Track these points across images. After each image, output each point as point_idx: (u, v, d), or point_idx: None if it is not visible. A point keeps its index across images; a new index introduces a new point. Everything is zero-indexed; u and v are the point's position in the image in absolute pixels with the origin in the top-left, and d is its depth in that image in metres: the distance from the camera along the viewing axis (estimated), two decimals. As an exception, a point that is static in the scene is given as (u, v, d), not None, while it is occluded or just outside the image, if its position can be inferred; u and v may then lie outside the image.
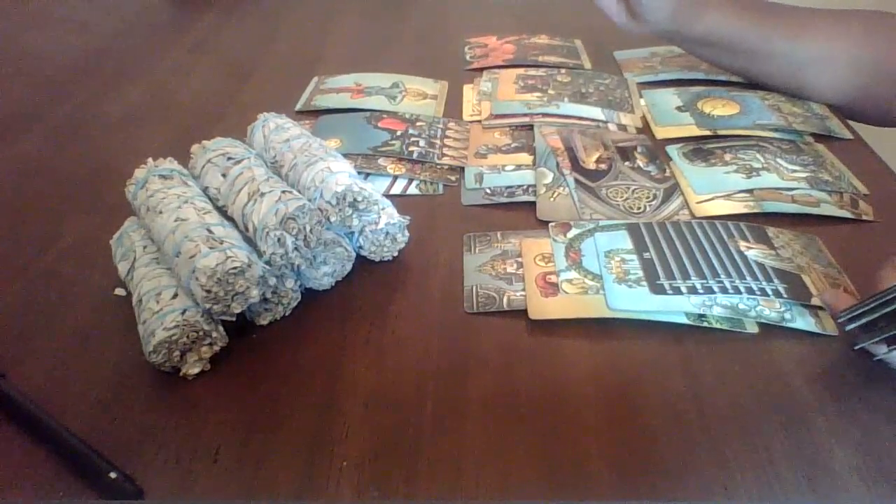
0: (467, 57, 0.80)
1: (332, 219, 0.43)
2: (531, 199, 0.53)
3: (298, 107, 0.69)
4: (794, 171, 0.55)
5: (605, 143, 0.60)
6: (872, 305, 0.36)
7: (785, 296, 0.42)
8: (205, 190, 0.46)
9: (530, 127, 0.63)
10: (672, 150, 0.59)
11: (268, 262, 0.40)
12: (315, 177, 0.44)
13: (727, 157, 0.57)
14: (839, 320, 0.38)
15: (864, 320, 0.37)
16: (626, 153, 0.59)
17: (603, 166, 0.57)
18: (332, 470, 0.34)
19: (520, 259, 0.47)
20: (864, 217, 0.51)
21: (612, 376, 0.39)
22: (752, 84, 0.69)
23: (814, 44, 0.63)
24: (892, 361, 0.38)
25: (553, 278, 0.44)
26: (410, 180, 0.57)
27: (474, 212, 0.53)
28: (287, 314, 0.43)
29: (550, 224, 0.50)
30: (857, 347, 0.38)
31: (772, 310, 0.42)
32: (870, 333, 0.37)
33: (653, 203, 0.52)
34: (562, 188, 0.54)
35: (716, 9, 0.64)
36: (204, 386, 0.39)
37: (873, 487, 0.32)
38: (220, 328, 0.40)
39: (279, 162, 0.48)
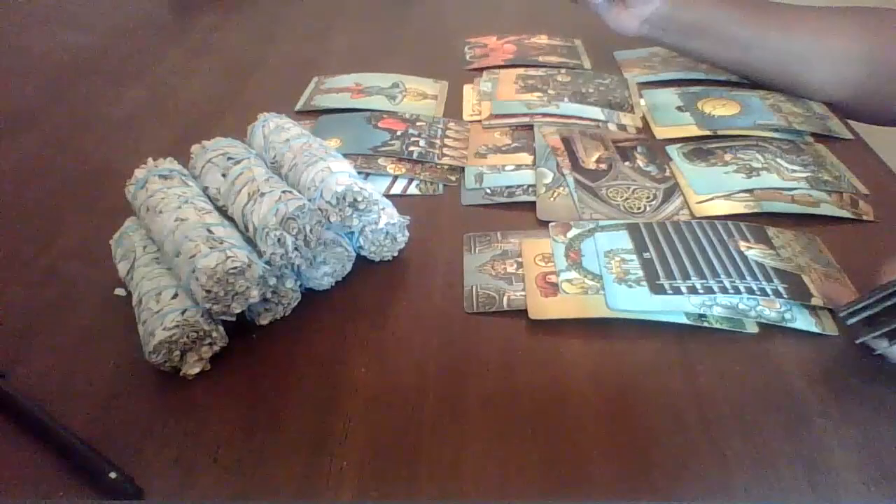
0: (467, 57, 0.80)
1: (332, 219, 0.43)
2: (531, 199, 0.53)
3: (298, 107, 0.69)
4: (794, 171, 0.55)
5: (605, 143, 0.60)
6: (874, 300, 0.36)
7: (785, 296, 0.42)
8: (205, 190, 0.46)
9: (530, 127, 0.63)
10: (672, 150, 0.59)
11: (268, 262, 0.40)
12: (315, 177, 0.44)
13: (727, 157, 0.57)
14: (840, 314, 0.38)
15: (865, 314, 0.37)
16: (626, 153, 0.59)
17: (603, 166, 0.57)
18: (332, 470, 0.34)
19: (520, 259, 0.47)
20: (864, 217, 0.51)
21: (612, 376, 0.39)
22: (752, 84, 0.69)
23: (809, 38, 0.63)
24: (892, 356, 0.38)
25: (553, 278, 0.44)
26: (410, 180, 0.57)
27: (474, 212, 0.53)
28: (287, 314, 0.43)
29: (550, 224, 0.50)
30: (858, 342, 0.38)
31: (772, 310, 0.42)
32: (871, 328, 0.37)
33: (653, 203, 0.52)
34: (562, 188, 0.54)
35: None
36: (204, 386, 0.39)
37: (873, 487, 0.32)
38: (220, 328, 0.40)
39: (279, 162, 0.48)
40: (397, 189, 0.56)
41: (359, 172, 0.52)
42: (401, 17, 0.95)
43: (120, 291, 0.45)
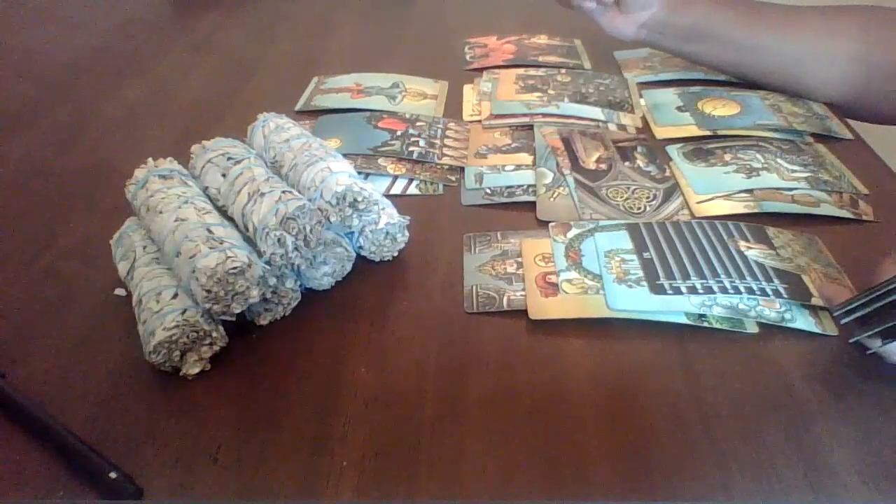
0: (467, 57, 0.80)
1: (332, 219, 0.43)
2: (531, 199, 0.53)
3: (298, 107, 0.69)
4: (794, 171, 0.55)
5: (605, 143, 0.60)
6: (868, 299, 0.37)
7: (785, 296, 0.42)
8: (205, 190, 0.46)
9: (530, 127, 0.63)
10: (672, 150, 0.59)
11: (268, 262, 0.40)
12: (315, 177, 0.44)
13: (727, 157, 0.57)
14: (835, 314, 0.39)
15: (859, 314, 0.37)
16: (626, 153, 0.59)
17: (603, 166, 0.57)
18: (332, 470, 0.34)
19: (520, 259, 0.47)
20: (864, 217, 0.51)
21: (612, 376, 0.39)
22: (752, 84, 0.69)
23: (807, 39, 0.63)
24: (886, 355, 0.38)
25: (553, 278, 0.44)
26: (410, 180, 0.57)
27: (474, 212, 0.53)
28: (287, 314, 0.43)
29: (550, 224, 0.50)
30: (851, 341, 0.38)
31: (772, 310, 0.42)
32: (865, 327, 0.37)
33: (653, 203, 0.52)
34: (562, 188, 0.54)
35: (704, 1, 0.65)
36: (204, 386, 0.39)
37: (873, 487, 0.32)
38: (220, 328, 0.40)
39: (279, 162, 0.48)
40: (397, 189, 0.56)
41: (359, 172, 0.52)
42: (401, 17, 0.95)
43: (120, 291, 0.45)
